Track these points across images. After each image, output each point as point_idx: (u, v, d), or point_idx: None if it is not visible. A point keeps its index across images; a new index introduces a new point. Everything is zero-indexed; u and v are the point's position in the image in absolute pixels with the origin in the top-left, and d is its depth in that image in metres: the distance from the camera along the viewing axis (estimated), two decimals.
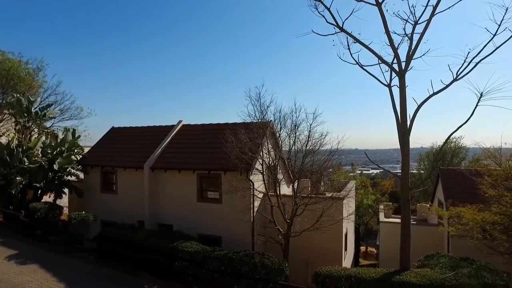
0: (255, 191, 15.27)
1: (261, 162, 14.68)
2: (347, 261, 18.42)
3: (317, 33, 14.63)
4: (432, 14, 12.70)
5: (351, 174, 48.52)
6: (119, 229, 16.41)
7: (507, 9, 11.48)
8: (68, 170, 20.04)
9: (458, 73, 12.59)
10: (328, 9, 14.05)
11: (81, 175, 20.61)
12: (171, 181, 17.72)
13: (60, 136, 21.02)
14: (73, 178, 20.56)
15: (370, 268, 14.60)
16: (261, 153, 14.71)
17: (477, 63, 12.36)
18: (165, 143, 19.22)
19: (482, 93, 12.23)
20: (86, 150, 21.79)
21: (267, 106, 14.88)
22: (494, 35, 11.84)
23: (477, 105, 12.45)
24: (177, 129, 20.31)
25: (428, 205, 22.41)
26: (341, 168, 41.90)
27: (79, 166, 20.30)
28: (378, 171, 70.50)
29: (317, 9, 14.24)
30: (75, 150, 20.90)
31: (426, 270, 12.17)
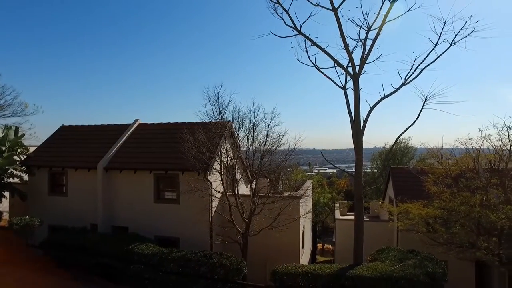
0: (213, 191, 15.18)
1: (219, 162, 14.64)
2: (304, 258, 18.88)
3: (276, 35, 14.89)
4: (383, 22, 13.42)
5: (309, 173, 49.81)
6: (69, 233, 15.54)
7: (445, 23, 12.51)
8: (9, 171, 18.50)
9: (406, 78, 13.44)
10: (287, 12, 14.34)
11: (26, 177, 19.19)
12: (127, 181, 17.10)
13: (0, 134, 19.35)
14: (16, 180, 19.05)
15: (326, 264, 15.12)
16: (219, 153, 14.66)
17: (422, 70, 13.29)
18: (120, 143, 18.51)
19: (426, 97, 13.16)
20: (32, 150, 20.34)
21: (226, 106, 14.91)
22: (436, 45, 12.86)
23: (422, 108, 13.39)
24: (133, 128, 19.64)
25: (380, 202, 23.58)
26: (298, 168, 42.90)
27: (23, 167, 18.87)
28: (334, 170, 72.95)
29: (276, 11, 14.49)
30: (18, 150, 19.38)
31: (377, 263, 12.83)
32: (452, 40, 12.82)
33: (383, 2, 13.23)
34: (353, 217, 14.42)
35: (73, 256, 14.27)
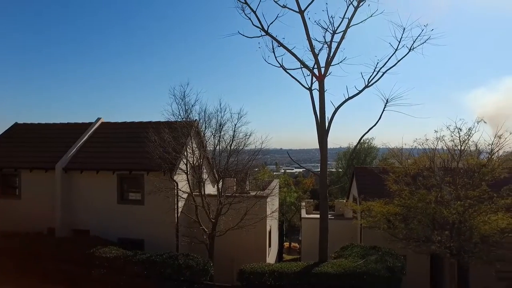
0: (179, 191, 14.94)
1: (185, 162, 14.44)
2: (271, 257, 19.06)
3: (243, 35, 14.92)
4: (348, 26, 13.87)
5: (275, 173, 50.36)
6: (22, 239, 14.66)
7: (404, 29, 13.18)
8: None
9: (369, 80, 13.97)
10: (254, 12, 14.42)
11: None
12: (88, 182, 16.41)
13: None
14: None
15: (292, 262, 15.36)
16: (185, 153, 14.46)
17: (383, 73, 13.88)
18: (81, 142, 17.75)
19: (387, 99, 13.76)
20: None
21: (192, 105, 14.73)
22: (396, 50, 13.50)
23: (383, 110, 13.99)
24: (95, 127, 18.89)
25: (345, 201, 24.30)
26: (265, 168, 43.25)
27: None
28: (301, 170, 74.16)
29: (244, 11, 14.53)
30: None
31: (341, 260, 13.23)
32: (411, 46, 13.50)
33: (348, 7, 13.67)
34: (318, 216, 14.75)
35: (30, 263, 13.48)
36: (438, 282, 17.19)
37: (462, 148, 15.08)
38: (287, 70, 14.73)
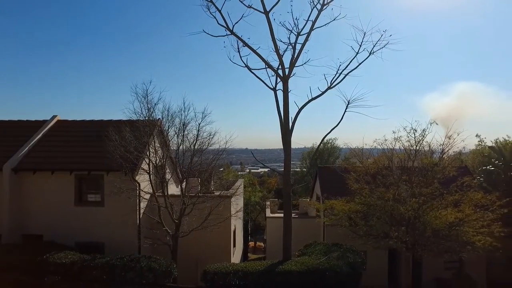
0: (141, 192, 14.53)
1: (147, 162, 14.06)
2: (236, 256, 19.05)
3: (208, 33, 14.81)
4: (312, 28, 14.18)
5: (240, 172, 50.38)
6: None
7: (364, 34, 13.70)
8: None
9: (332, 82, 14.37)
10: (220, 11, 14.36)
11: None
12: (42, 184, 15.46)
13: None
14: None
15: (257, 261, 15.45)
16: (148, 152, 14.08)
17: (345, 75, 14.34)
18: (34, 141, 16.69)
19: (349, 101, 14.22)
20: None
21: (155, 104, 14.37)
22: (357, 53, 14.01)
23: (345, 111, 14.46)
24: (50, 125, 17.85)
25: (308, 200, 24.79)
26: (230, 167, 43.18)
27: None
28: (266, 169, 74.71)
29: (209, 9, 14.41)
30: None
31: (304, 258, 13.49)
32: (371, 50, 14.06)
33: (312, 10, 13.99)
34: (283, 215, 14.95)
35: None
36: (395, 275, 18.03)
37: (417, 148, 15.96)
38: (252, 70, 14.82)
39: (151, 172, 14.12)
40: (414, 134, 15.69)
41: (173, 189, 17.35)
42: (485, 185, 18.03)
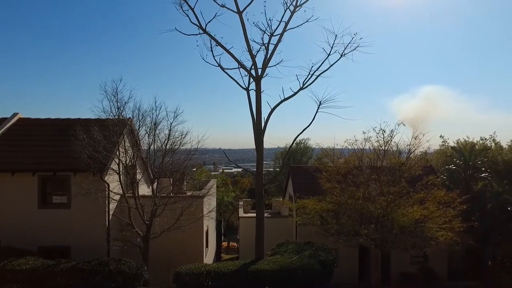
0: (110, 192, 14.08)
1: (117, 162, 13.66)
2: (209, 257, 18.90)
3: (180, 32, 14.63)
4: (284, 29, 14.33)
5: (213, 173, 50.06)
6: None
7: (336, 36, 14.01)
8: None
9: (304, 83, 14.58)
10: (192, 10, 14.22)
11: None
12: (1, 185, 14.62)
13: None
14: None
15: (230, 261, 15.40)
16: (117, 152, 13.68)
17: (317, 76, 14.60)
18: None
19: (320, 101, 14.48)
20: None
21: (125, 102, 13.97)
22: (329, 55, 14.31)
23: (317, 111, 14.72)
24: (10, 123, 16.89)
25: (281, 199, 25.01)
26: (203, 167, 42.80)
27: None
28: (239, 169, 74.71)
29: (182, 8, 14.23)
30: None
31: (277, 257, 13.60)
32: (342, 52, 14.38)
33: (285, 11, 14.15)
34: (255, 215, 14.99)
35: None
36: (365, 271, 18.55)
37: (386, 148, 16.51)
38: (225, 70, 14.79)
39: (121, 172, 13.74)
40: (383, 134, 16.26)
41: (144, 189, 16.97)
42: (448, 183, 18.93)
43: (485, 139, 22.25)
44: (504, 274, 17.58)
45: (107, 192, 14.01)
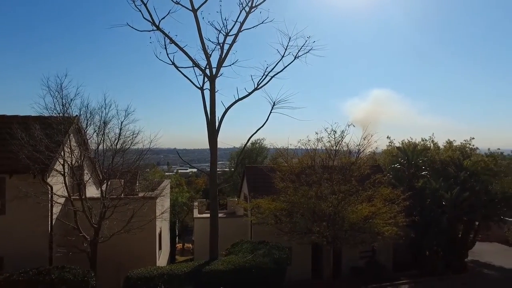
0: (54, 195, 13.15)
1: (62, 162, 12.80)
2: (162, 260, 18.38)
3: (132, 27, 14.08)
4: (240, 30, 14.34)
5: (167, 173, 48.88)
6: None
7: (290, 38, 14.32)
8: None
9: (259, 83, 14.70)
10: (145, 5, 13.75)
11: None
12: None
13: None
14: None
15: (183, 263, 15.11)
16: (62, 152, 12.82)
17: (272, 77, 14.80)
18: None
19: (274, 102, 14.69)
20: None
21: (72, 99, 13.13)
22: (283, 56, 14.57)
23: (271, 112, 14.92)
24: None
25: (236, 199, 25.02)
26: (156, 168, 41.63)
27: None
28: (194, 169, 73.61)
29: (134, 2, 13.71)
30: None
31: (231, 256, 13.57)
32: (296, 54, 14.70)
33: (241, 12, 14.16)
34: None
35: None
36: (318, 267, 19.13)
37: (337, 148, 17.15)
38: (179, 68, 14.49)
39: (66, 173, 12.89)
40: (334, 135, 16.87)
41: (92, 191, 16.08)
42: (393, 181, 20.13)
43: (425, 140, 23.93)
44: (439, 262, 19.23)
45: (50, 195, 13.07)
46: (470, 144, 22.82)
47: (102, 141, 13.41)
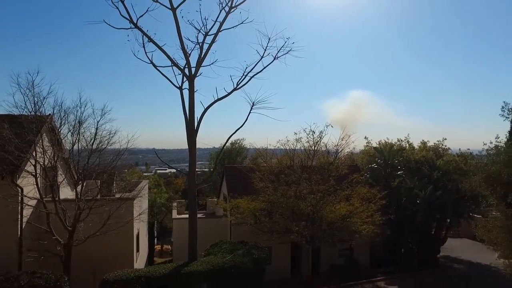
0: (24, 197, 12.65)
1: (33, 163, 12.33)
2: (140, 262, 18.03)
3: (109, 24, 13.76)
4: (219, 29, 14.27)
5: (146, 173, 48.04)
6: None
7: (269, 39, 14.36)
8: None
9: (238, 83, 14.66)
10: (122, 2, 13.46)
11: None
12: None
13: None
14: None
15: (161, 264, 14.90)
16: (34, 152, 12.36)
17: (251, 78, 14.78)
18: None
19: (253, 102, 14.70)
20: None
21: (44, 98, 12.67)
22: (262, 57, 14.59)
23: (250, 112, 14.90)
24: None
25: (215, 200, 24.88)
26: (134, 168, 40.77)
27: None
28: (173, 170, 72.69)
29: None
30: None
31: (210, 257, 13.51)
32: (275, 55, 14.75)
33: (220, 11, 14.09)
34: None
35: None
36: (297, 266, 19.30)
37: (316, 148, 17.37)
38: (158, 67, 14.27)
39: (38, 174, 12.43)
40: (313, 135, 17.07)
41: (67, 193, 15.58)
42: (370, 181, 20.57)
43: (401, 140, 24.60)
44: (413, 258, 19.86)
45: (20, 197, 12.58)
46: (442, 145, 23.72)
47: (77, 141, 13.05)
